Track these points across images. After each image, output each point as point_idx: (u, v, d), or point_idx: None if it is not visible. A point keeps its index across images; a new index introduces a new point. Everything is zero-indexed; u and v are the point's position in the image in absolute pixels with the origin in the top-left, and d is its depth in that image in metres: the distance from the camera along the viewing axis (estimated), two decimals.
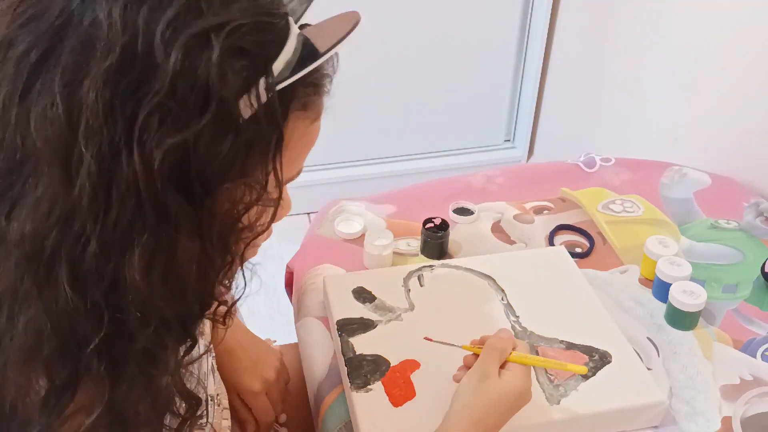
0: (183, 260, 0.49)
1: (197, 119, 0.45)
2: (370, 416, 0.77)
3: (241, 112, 0.48)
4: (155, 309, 0.49)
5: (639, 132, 1.66)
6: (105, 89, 0.44)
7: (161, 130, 0.45)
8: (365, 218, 1.12)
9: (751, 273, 1.04)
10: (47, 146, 0.45)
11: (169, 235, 0.47)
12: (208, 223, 0.49)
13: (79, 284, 0.47)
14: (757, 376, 0.87)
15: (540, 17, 1.99)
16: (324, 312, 0.96)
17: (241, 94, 0.47)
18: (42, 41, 0.46)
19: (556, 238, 1.10)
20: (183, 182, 0.47)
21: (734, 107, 1.33)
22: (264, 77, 0.48)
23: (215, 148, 0.47)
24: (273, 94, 0.48)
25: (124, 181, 0.45)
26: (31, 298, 0.48)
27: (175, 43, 0.45)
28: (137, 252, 0.46)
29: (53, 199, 0.46)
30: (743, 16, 1.28)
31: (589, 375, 0.81)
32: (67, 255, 0.47)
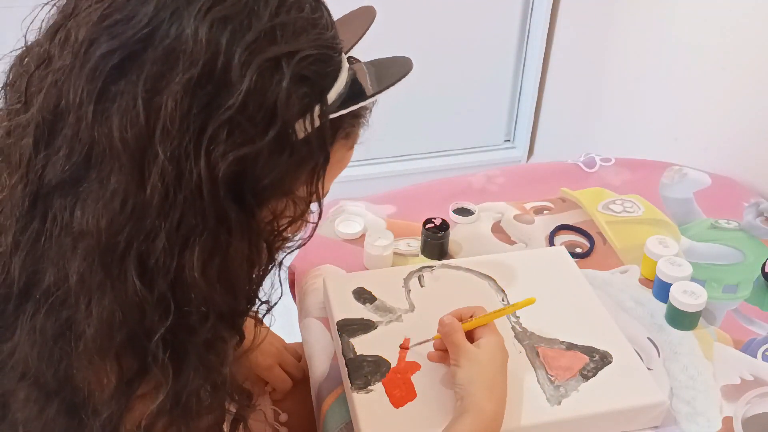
0: (234, 261, 0.53)
1: (261, 137, 0.50)
2: (371, 417, 0.77)
3: (296, 132, 0.52)
4: (213, 304, 0.53)
5: (639, 132, 1.66)
6: (184, 99, 0.48)
7: (228, 142, 0.49)
8: (365, 218, 1.12)
9: (751, 273, 1.04)
10: (125, 145, 0.48)
11: (224, 238, 0.51)
12: (257, 231, 0.54)
13: (146, 277, 0.50)
14: (757, 376, 0.87)
15: (540, 17, 1.99)
16: (324, 313, 0.96)
17: (300, 117, 0.52)
18: (126, 46, 0.49)
19: (556, 239, 1.10)
20: (239, 192, 0.51)
21: (734, 107, 1.33)
22: (319, 104, 0.53)
23: (272, 164, 0.51)
24: (326, 120, 0.53)
25: (190, 184, 0.49)
26: (104, 289, 0.51)
27: (251, 65, 0.49)
28: (197, 250, 0.50)
29: (126, 195, 0.49)
30: (743, 16, 1.28)
31: (589, 375, 0.81)
32: (137, 249, 0.50)
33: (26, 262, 0.53)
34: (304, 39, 0.52)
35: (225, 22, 0.49)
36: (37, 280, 0.52)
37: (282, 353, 0.98)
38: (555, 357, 0.84)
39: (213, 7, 0.49)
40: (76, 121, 0.50)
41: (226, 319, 0.55)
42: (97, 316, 0.51)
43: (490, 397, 0.71)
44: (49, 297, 0.52)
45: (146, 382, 0.53)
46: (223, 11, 0.49)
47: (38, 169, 0.52)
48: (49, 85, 0.51)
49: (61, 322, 0.52)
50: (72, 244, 0.51)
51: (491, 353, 0.74)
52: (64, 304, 0.52)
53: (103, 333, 0.51)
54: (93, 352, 0.52)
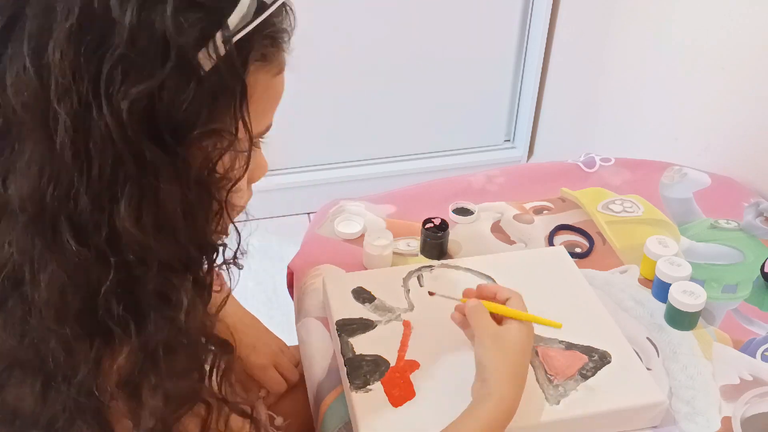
0: (168, 205, 0.51)
1: (159, 69, 0.48)
2: (370, 416, 0.77)
3: (202, 64, 0.50)
4: (151, 252, 0.51)
5: (639, 132, 1.67)
6: (69, 49, 0.47)
7: (126, 81, 0.47)
8: (365, 218, 1.12)
9: (751, 273, 1.04)
10: (26, 110, 0.48)
11: (150, 183, 0.50)
12: (185, 170, 0.52)
13: (81, 237, 0.50)
14: (757, 376, 0.87)
15: (540, 17, 1.99)
16: (324, 312, 0.96)
17: (200, 46, 0.50)
18: (5, 10, 0.48)
19: (556, 238, 1.10)
20: (153, 131, 0.49)
21: (734, 107, 1.33)
22: (220, 30, 0.50)
23: (179, 97, 0.49)
24: (230, 46, 0.51)
25: (99, 133, 0.48)
26: (46, 257, 0.50)
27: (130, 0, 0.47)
28: (124, 200, 0.49)
29: (41, 160, 0.49)
30: (743, 16, 1.28)
31: (588, 375, 0.81)
32: (65, 211, 0.49)
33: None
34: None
35: None
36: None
37: (278, 355, 0.98)
38: (554, 357, 0.84)
39: None
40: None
41: (173, 267, 0.53)
42: (45, 284, 0.51)
43: (513, 384, 0.72)
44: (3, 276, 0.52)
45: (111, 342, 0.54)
46: None
47: None
48: None
49: (16, 296, 0.52)
50: (6, 221, 0.51)
51: (520, 342, 0.74)
52: (16, 281, 0.52)
53: (55, 300, 0.51)
54: (50, 321, 0.52)
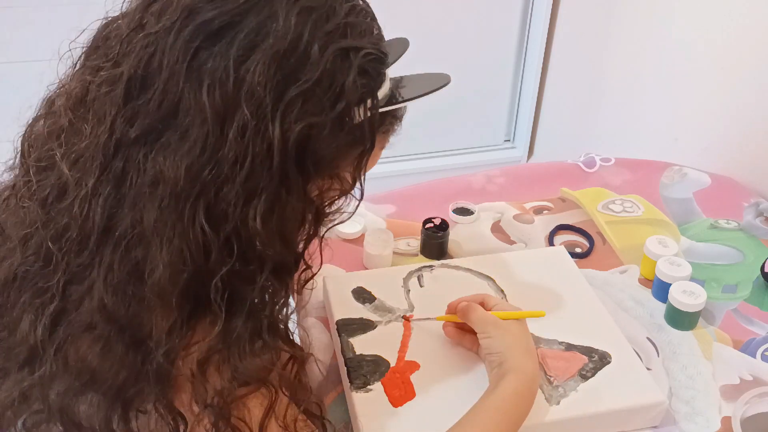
0: (290, 219, 0.60)
1: (329, 110, 0.58)
2: (370, 416, 0.77)
3: (354, 117, 0.60)
4: (270, 253, 0.59)
5: (639, 132, 1.67)
6: (270, 66, 0.55)
7: (302, 109, 0.56)
8: (365, 218, 1.12)
9: (751, 273, 1.04)
10: (212, 102, 0.55)
11: (284, 196, 0.58)
12: (309, 197, 0.61)
13: (213, 222, 0.56)
14: (756, 376, 0.87)
15: (540, 17, 1.99)
16: (324, 312, 0.96)
17: (359, 104, 0.60)
18: (225, 15, 0.56)
19: (556, 238, 1.10)
20: (302, 157, 0.58)
21: (734, 107, 1.33)
22: (371, 98, 0.61)
23: (331, 138, 0.59)
24: (376, 112, 0.62)
25: (264, 142, 0.55)
26: (175, 230, 0.56)
27: (328, 49, 0.57)
28: (261, 202, 0.56)
29: (205, 146, 0.55)
30: (743, 16, 1.28)
31: (588, 375, 0.81)
32: (208, 196, 0.56)
33: (106, 205, 0.57)
34: (367, 40, 0.62)
35: (310, 11, 0.58)
36: (115, 223, 0.57)
37: None
38: (554, 357, 0.84)
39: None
40: (168, 77, 0.56)
41: (277, 270, 0.60)
42: (167, 254, 0.56)
43: (529, 359, 0.75)
44: (125, 238, 0.57)
45: (202, 323, 0.59)
46: (309, 2, 0.58)
47: (126, 119, 0.57)
48: (143, 46, 0.57)
49: (134, 262, 0.57)
50: (150, 189, 0.56)
51: (520, 326, 0.78)
52: (138, 245, 0.57)
53: (170, 272, 0.56)
54: (160, 291, 0.56)
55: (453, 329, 0.84)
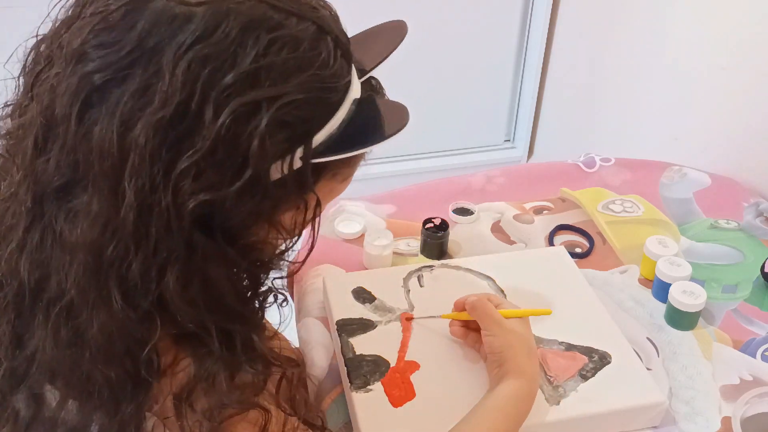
0: (217, 285, 0.54)
1: (229, 183, 0.50)
2: (370, 416, 0.77)
3: (271, 175, 0.52)
4: (202, 322, 0.54)
5: (639, 132, 1.66)
6: (155, 137, 0.48)
7: (196, 183, 0.49)
8: (365, 218, 1.12)
9: (750, 273, 1.04)
10: (101, 171, 0.50)
11: (199, 265, 0.52)
12: (233, 260, 0.54)
13: (129, 297, 0.52)
14: (756, 377, 0.87)
15: (540, 17, 1.99)
16: (324, 312, 0.96)
17: (275, 161, 0.51)
18: (108, 71, 0.49)
19: (556, 238, 1.10)
20: (207, 228, 0.52)
21: (734, 107, 1.33)
22: (302, 147, 0.52)
23: (241, 208, 0.52)
24: (307, 164, 0.53)
25: (159, 218, 0.50)
26: (98, 303, 0.53)
27: (226, 109, 0.48)
28: (173, 276, 0.51)
29: (106, 219, 0.51)
30: (743, 16, 1.28)
31: (588, 375, 0.81)
32: (118, 270, 0.51)
33: (33, 263, 0.54)
34: (293, 82, 0.51)
35: (205, 61, 0.48)
36: (45, 283, 0.54)
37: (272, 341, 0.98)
38: (554, 357, 0.84)
39: (195, 44, 0.48)
40: (63, 133, 0.51)
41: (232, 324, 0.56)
42: (97, 327, 0.53)
43: (529, 361, 0.74)
44: (57, 303, 0.54)
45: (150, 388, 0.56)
46: (205, 50, 0.48)
47: (39, 171, 0.53)
48: (48, 89, 0.52)
49: (72, 330, 0.54)
50: (68, 255, 0.52)
51: (523, 326, 0.78)
52: (71, 311, 0.54)
53: (105, 343, 0.53)
54: (100, 360, 0.54)
55: (458, 327, 0.83)
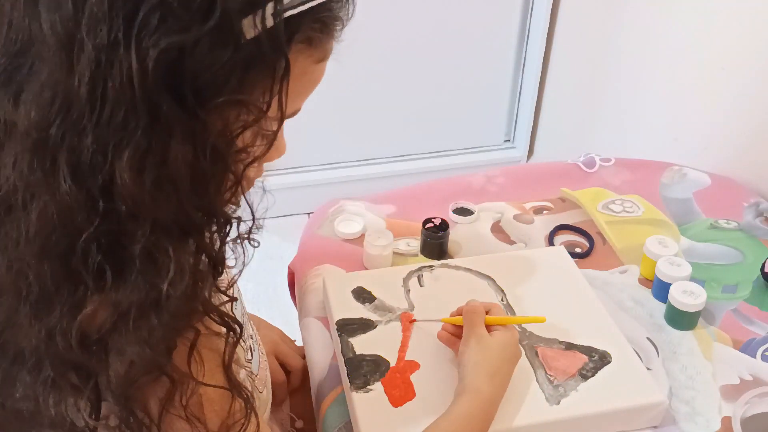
0: (175, 166, 0.48)
1: (198, 25, 0.46)
2: (370, 416, 0.77)
3: (244, 31, 0.48)
4: (146, 210, 0.49)
5: (639, 132, 1.67)
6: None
7: (160, 29, 0.45)
8: (365, 218, 1.12)
9: (750, 273, 1.04)
10: (53, 32, 0.46)
11: (161, 138, 0.47)
12: (202, 134, 0.49)
13: (77, 176, 0.48)
14: (756, 376, 0.87)
15: (540, 17, 1.99)
16: (324, 312, 0.96)
17: (247, 13, 0.47)
18: None
19: (555, 238, 1.10)
20: (176, 87, 0.47)
21: (734, 107, 1.33)
22: (273, 2, 0.48)
23: (212, 59, 0.47)
24: (279, 20, 0.48)
25: (120, 75, 0.45)
26: (41, 186, 0.48)
27: None
28: (129, 150, 0.47)
29: (56, 87, 0.47)
30: (743, 16, 1.28)
31: (588, 375, 0.81)
32: (68, 146, 0.47)
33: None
34: None
35: None
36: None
37: (278, 344, 0.97)
38: (554, 357, 0.84)
39: None
40: (10, 10, 0.48)
41: (170, 229, 0.50)
42: (36, 215, 0.49)
43: (489, 382, 0.73)
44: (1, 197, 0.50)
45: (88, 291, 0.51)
46: None
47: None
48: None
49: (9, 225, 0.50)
50: (14, 141, 0.49)
51: (502, 345, 0.76)
52: (10, 205, 0.50)
53: (42, 233, 0.49)
54: (35, 252, 0.50)
55: (446, 334, 0.82)
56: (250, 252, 0.58)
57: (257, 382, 0.74)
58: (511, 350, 0.77)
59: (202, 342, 0.55)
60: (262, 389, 0.77)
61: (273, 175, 0.65)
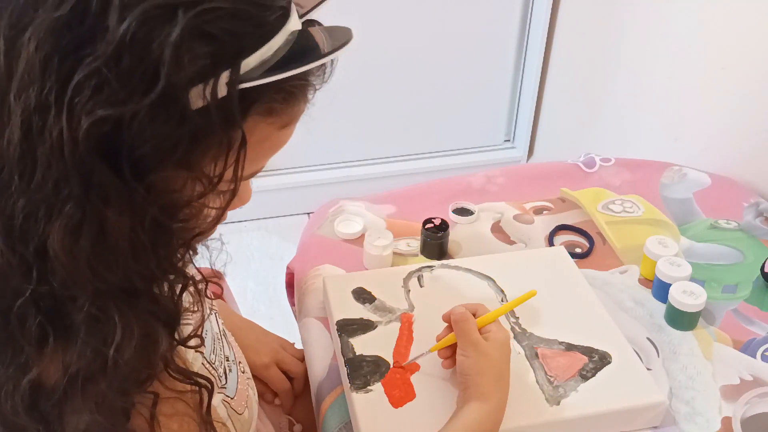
0: (113, 237, 0.45)
1: (136, 99, 0.42)
2: (370, 417, 0.77)
3: (191, 101, 0.44)
4: (83, 280, 0.46)
5: (639, 132, 1.67)
6: (47, 41, 0.42)
7: (94, 98, 0.42)
8: (365, 218, 1.12)
9: (751, 273, 1.04)
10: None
11: (96, 208, 0.44)
12: (141, 205, 0.46)
13: (9, 240, 0.46)
14: (757, 377, 0.87)
15: (540, 17, 1.99)
16: (324, 312, 0.96)
17: (196, 83, 0.43)
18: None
19: (556, 239, 1.10)
20: (112, 157, 0.44)
21: (734, 107, 1.33)
22: (229, 70, 0.44)
23: (152, 131, 0.43)
24: (233, 91, 0.44)
25: (50, 142, 0.43)
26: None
27: (135, 9, 0.41)
28: (61, 220, 0.44)
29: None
30: (743, 16, 1.28)
31: (588, 375, 0.81)
32: (1, 208, 0.45)
33: None
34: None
35: None
36: None
37: (279, 352, 0.97)
38: (554, 357, 0.84)
39: None
40: None
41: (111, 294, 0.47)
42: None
43: (496, 388, 0.72)
44: None
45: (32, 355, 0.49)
46: None
47: None
48: None
49: None
50: None
51: (500, 347, 0.75)
52: None
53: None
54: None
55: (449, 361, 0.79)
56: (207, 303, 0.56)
57: (234, 404, 0.72)
58: (507, 351, 0.76)
59: (161, 409, 0.52)
60: (242, 410, 0.74)
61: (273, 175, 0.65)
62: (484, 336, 0.76)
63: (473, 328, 0.76)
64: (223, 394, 0.70)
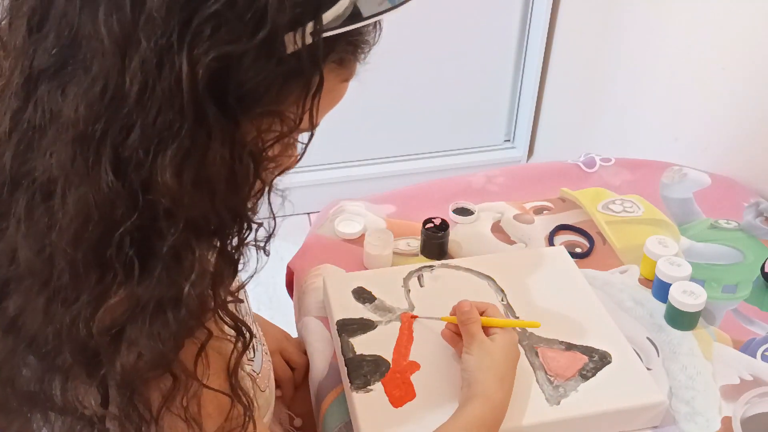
0: (213, 167, 0.50)
1: (248, 39, 0.48)
2: (370, 416, 0.77)
3: (286, 45, 0.50)
4: (183, 207, 0.50)
5: (639, 132, 1.67)
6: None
7: (212, 39, 0.47)
8: (365, 218, 1.12)
9: (751, 273, 1.04)
10: (109, 31, 0.47)
11: (202, 141, 0.49)
12: (239, 139, 0.51)
13: (119, 169, 0.49)
14: (756, 376, 0.87)
15: (540, 17, 1.99)
16: (324, 312, 0.96)
17: (290, 29, 0.49)
18: None
19: (556, 238, 1.10)
20: (221, 93, 0.49)
21: (734, 107, 1.33)
22: (313, 21, 0.50)
23: (256, 70, 0.49)
24: (318, 39, 0.51)
25: (170, 78, 0.47)
26: (81, 177, 0.50)
27: None
28: (172, 150, 0.48)
29: (106, 82, 0.48)
30: (743, 16, 1.28)
31: (588, 375, 0.81)
32: (113, 140, 0.49)
33: (17, 150, 0.52)
34: None
35: None
36: (27, 169, 0.52)
37: (282, 341, 0.98)
38: (554, 357, 0.84)
39: None
40: (65, 4, 0.50)
41: (201, 229, 0.52)
42: (72, 204, 0.50)
43: (499, 387, 0.74)
44: (36, 186, 0.51)
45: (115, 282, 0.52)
46: None
47: (30, 54, 0.51)
48: None
49: (44, 212, 0.51)
50: (56, 131, 0.50)
51: (505, 348, 0.77)
52: (48, 193, 0.51)
53: (77, 222, 0.50)
54: (69, 240, 0.51)
55: (450, 333, 0.83)
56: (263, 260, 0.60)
57: (259, 380, 0.74)
58: (514, 352, 0.78)
59: (211, 344, 0.56)
60: (264, 388, 0.77)
61: None
62: (491, 336, 0.77)
63: (477, 326, 0.77)
64: (251, 367, 0.72)
